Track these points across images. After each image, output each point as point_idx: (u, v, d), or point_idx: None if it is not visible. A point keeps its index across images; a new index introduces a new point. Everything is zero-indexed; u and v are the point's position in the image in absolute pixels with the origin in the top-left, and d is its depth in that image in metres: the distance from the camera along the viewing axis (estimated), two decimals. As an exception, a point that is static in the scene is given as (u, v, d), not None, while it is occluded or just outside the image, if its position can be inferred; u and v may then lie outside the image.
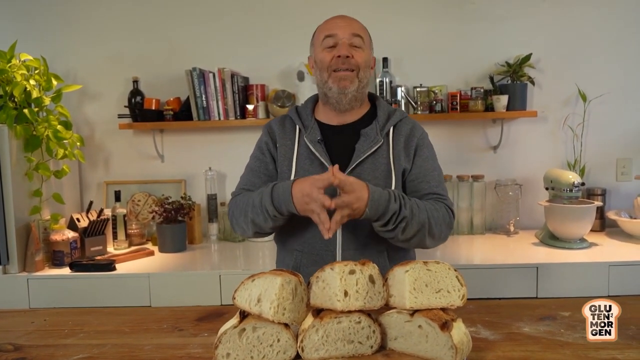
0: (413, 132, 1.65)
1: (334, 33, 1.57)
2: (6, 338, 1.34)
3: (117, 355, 1.23)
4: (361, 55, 1.58)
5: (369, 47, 1.64)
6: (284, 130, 1.68)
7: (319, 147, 1.60)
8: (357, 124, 1.65)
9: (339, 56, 1.55)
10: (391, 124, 1.64)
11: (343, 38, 1.56)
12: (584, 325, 1.31)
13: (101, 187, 3.01)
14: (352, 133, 1.63)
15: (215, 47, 2.93)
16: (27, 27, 2.92)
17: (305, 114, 1.68)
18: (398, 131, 1.64)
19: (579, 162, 2.89)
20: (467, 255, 2.56)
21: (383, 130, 1.63)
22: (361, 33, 1.60)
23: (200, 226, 2.88)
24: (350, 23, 1.61)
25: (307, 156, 1.61)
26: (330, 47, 1.58)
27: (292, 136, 1.66)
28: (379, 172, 1.58)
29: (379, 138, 1.60)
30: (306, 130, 1.64)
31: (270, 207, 1.48)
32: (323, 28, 1.62)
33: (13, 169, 2.38)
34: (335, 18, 1.63)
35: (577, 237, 2.57)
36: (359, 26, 1.63)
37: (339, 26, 1.58)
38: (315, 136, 1.62)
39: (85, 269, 2.41)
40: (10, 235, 2.39)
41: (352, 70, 1.57)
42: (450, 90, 2.88)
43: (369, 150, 1.59)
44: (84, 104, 2.99)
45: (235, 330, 1.11)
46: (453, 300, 1.15)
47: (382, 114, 1.66)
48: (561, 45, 2.86)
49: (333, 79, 1.57)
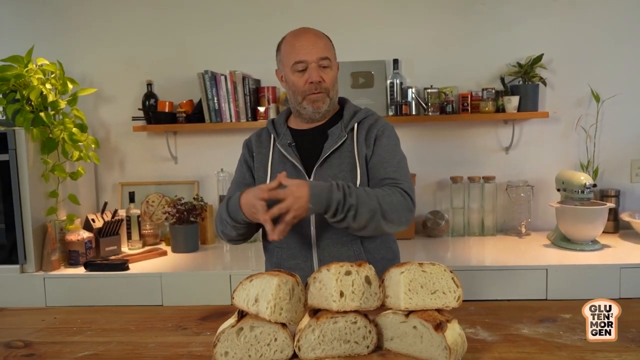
0: (374, 125, 1.74)
1: (303, 59, 1.65)
2: (17, 335, 1.39)
3: (121, 352, 1.27)
4: (329, 74, 1.68)
5: (335, 61, 1.72)
6: (260, 141, 1.80)
7: (290, 150, 1.71)
8: (325, 126, 1.75)
9: (311, 82, 1.65)
10: (355, 120, 1.73)
11: (312, 63, 1.64)
12: (583, 327, 1.31)
13: (116, 188, 3.07)
14: (321, 134, 1.73)
15: (227, 50, 2.97)
16: (44, 33, 2.99)
17: (279, 123, 1.80)
18: (362, 127, 1.73)
19: (592, 163, 2.86)
20: (476, 256, 2.56)
21: (347, 127, 1.71)
22: (327, 53, 1.67)
23: (212, 227, 2.92)
24: (316, 44, 1.66)
25: (280, 160, 1.72)
26: (300, 71, 1.66)
27: (267, 145, 1.77)
28: (345, 165, 1.67)
29: (343, 134, 1.70)
30: (279, 137, 1.75)
31: (228, 217, 1.63)
32: (291, 50, 1.67)
33: (30, 171, 2.44)
34: (301, 39, 1.67)
35: (588, 238, 2.55)
36: (324, 45, 1.68)
37: (307, 51, 1.64)
38: (287, 140, 1.73)
39: (99, 268, 2.46)
40: (27, 235, 2.45)
41: (324, 92, 1.68)
42: (462, 91, 2.87)
43: (334, 146, 1.68)
44: (99, 106, 3.05)
45: (233, 329, 1.14)
46: (448, 301, 1.16)
47: (347, 114, 1.75)
48: (573, 46, 2.84)
49: (307, 101, 1.69)
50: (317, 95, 1.67)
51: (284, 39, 1.74)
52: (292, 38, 1.70)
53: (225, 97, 2.82)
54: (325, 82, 1.66)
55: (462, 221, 2.91)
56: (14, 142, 2.41)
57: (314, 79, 1.64)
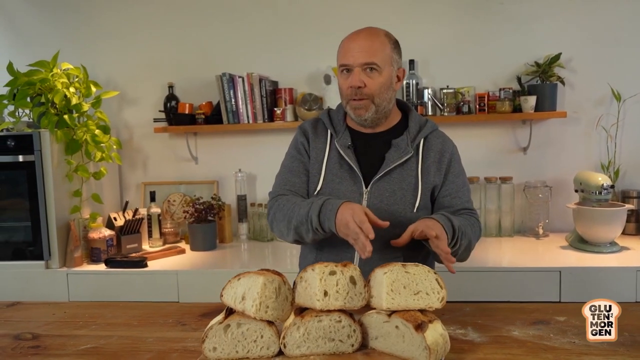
0: (445, 148, 1.67)
1: (347, 63, 1.57)
2: (27, 328, 1.47)
3: (120, 345, 1.33)
4: (375, 80, 1.57)
5: (390, 65, 1.60)
6: (316, 133, 1.71)
7: (349, 152, 1.63)
8: (387, 134, 1.67)
9: (351, 87, 1.57)
10: (422, 136, 1.65)
11: (356, 66, 1.56)
12: (575, 330, 1.32)
13: (139, 187, 3.16)
14: (382, 142, 1.65)
15: (246, 53, 3.02)
16: (70, 38, 3.11)
17: (337, 119, 1.71)
18: (429, 144, 1.66)
19: (613, 164, 2.80)
20: (491, 257, 2.53)
21: (414, 142, 1.64)
22: (375, 58, 1.56)
23: (230, 226, 2.98)
24: (364, 49, 1.56)
25: (337, 160, 1.64)
26: (345, 73, 1.59)
27: (324, 140, 1.69)
28: (406, 183, 1.61)
29: (409, 149, 1.62)
30: (337, 135, 1.67)
31: (316, 219, 1.49)
32: (340, 51, 1.61)
33: (54, 171, 2.55)
34: (352, 41, 1.59)
35: (606, 240, 2.51)
36: (375, 50, 1.57)
37: (353, 55, 1.56)
38: (346, 141, 1.65)
39: (119, 265, 2.55)
40: (51, 232, 2.56)
41: (367, 99, 1.58)
42: (479, 91, 2.85)
43: (399, 161, 1.61)
44: (123, 108, 3.15)
45: (220, 325, 1.18)
46: (432, 302, 1.17)
47: (413, 126, 1.67)
48: (593, 44, 2.79)
49: (350, 107, 1.62)
50: (358, 103, 1.58)
51: (344, 38, 1.64)
52: (347, 39, 1.62)
53: (242, 99, 2.88)
54: (367, 88, 1.56)
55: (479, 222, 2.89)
56: (40, 144, 2.52)
57: (354, 83, 1.56)
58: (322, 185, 1.63)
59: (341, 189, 1.61)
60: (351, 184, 1.61)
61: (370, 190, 1.60)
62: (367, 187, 1.60)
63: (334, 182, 1.62)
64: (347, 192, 1.61)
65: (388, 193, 1.60)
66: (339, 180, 1.62)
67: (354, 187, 1.61)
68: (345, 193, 1.61)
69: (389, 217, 1.52)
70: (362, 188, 1.61)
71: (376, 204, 1.58)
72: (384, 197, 1.59)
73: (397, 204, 1.59)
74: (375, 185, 1.60)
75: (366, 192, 1.60)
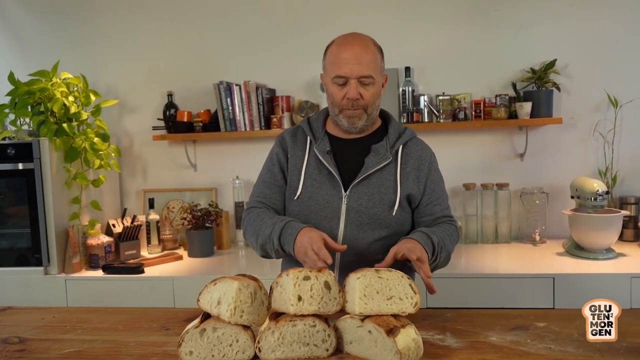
0: (423, 155, 1.70)
1: (343, 75, 1.58)
2: (15, 332, 1.50)
3: (103, 349, 1.35)
4: (370, 91, 1.60)
5: (380, 75, 1.63)
6: (296, 141, 1.73)
7: (327, 158, 1.65)
8: (367, 139, 1.70)
9: (348, 98, 1.59)
10: (401, 142, 1.68)
11: (353, 79, 1.57)
12: (553, 336, 1.32)
13: (139, 194, 3.20)
14: (361, 147, 1.68)
15: (243, 61, 3.06)
16: (70, 47, 3.17)
17: (317, 125, 1.73)
18: (407, 151, 1.69)
19: (610, 170, 2.79)
20: (486, 264, 2.53)
21: (393, 148, 1.67)
22: (371, 70, 1.58)
23: (228, 232, 3.01)
24: (361, 60, 1.57)
25: (316, 166, 1.67)
26: (340, 84, 1.60)
27: (303, 147, 1.71)
28: (385, 187, 1.64)
29: (388, 155, 1.65)
30: (316, 142, 1.69)
31: (277, 241, 1.55)
32: (334, 61, 1.60)
33: (54, 179, 2.59)
34: (346, 51, 1.59)
35: (602, 247, 2.50)
36: (369, 61, 1.59)
37: (349, 67, 1.57)
38: (325, 147, 1.67)
39: (116, 271, 2.58)
40: (50, 239, 2.60)
41: (360, 109, 1.61)
42: (475, 98, 2.86)
43: (378, 166, 1.64)
44: (123, 116, 3.19)
45: (196, 330, 1.20)
46: (405, 307, 1.19)
47: (393, 132, 1.70)
48: (589, 50, 2.79)
49: (343, 116, 1.63)
50: (353, 112, 1.61)
51: (332, 44, 1.65)
52: (338, 48, 1.61)
53: (239, 107, 2.91)
54: (363, 100, 1.59)
55: (476, 228, 2.89)
56: (39, 152, 2.56)
57: (352, 95, 1.58)
58: (301, 190, 1.65)
59: (321, 193, 1.64)
60: (330, 188, 1.64)
61: (350, 194, 1.62)
62: (347, 191, 1.63)
63: (314, 187, 1.65)
64: (326, 196, 1.63)
65: (367, 197, 1.62)
66: (319, 185, 1.65)
67: (333, 191, 1.63)
68: (324, 197, 1.63)
69: (368, 219, 1.59)
70: (341, 192, 1.63)
71: (355, 207, 1.61)
72: (363, 201, 1.62)
73: (376, 207, 1.62)
74: (354, 189, 1.63)
75: (345, 195, 1.62)
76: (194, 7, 3.09)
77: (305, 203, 1.65)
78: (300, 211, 1.65)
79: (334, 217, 1.62)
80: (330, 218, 1.62)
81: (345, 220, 1.62)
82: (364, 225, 1.62)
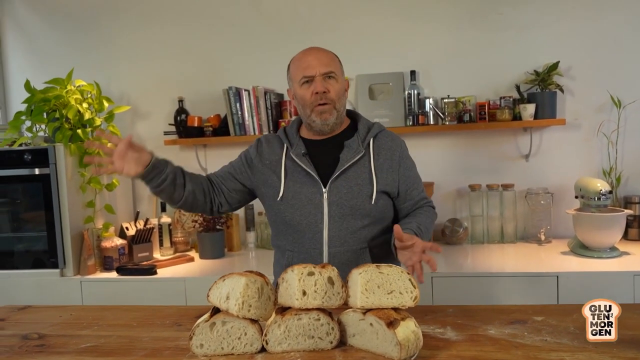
0: (394, 146, 1.82)
1: (309, 73, 1.72)
2: (34, 328, 1.57)
3: (118, 344, 1.41)
4: (335, 86, 1.74)
5: (341, 75, 1.79)
6: (271, 147, 1.86)
7: (304, 160, 1.77)
8: (338, 137, 1.82)
9: (317, 92, 1.71)
10: (371, 135, 1.80)
11: (318, 76, 1.72)
12: (550, 329, 1.36)
13: (151, 198, 3.28)
14: (335, 145, 1.79)
15: (252, 67, 3.13)
16: (84, 57, 3.27)
17: (291, 133, 1.86)
18: (379, 143, 1.81)
19: (614, 170, 2.82)
20: (490, 263, 2.57)
21: (364, 141, 1.79)
22: (332, 67, 1.74)
23: (238, 234, 3.08)
24: (321, 60, 1.73)
25: (295, 168, 1.79)
26: (307, 83, 1.74)
27: (279, 152, 1.84)
28: (362, 179, 1.75)
29: (360, 148, 1.77)
30: (292, 147, 1.81)
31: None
32: (298, 67, 1.76)
33: (69, 183, 2.67)
34: (307, 56, 1.76)
35: (606, 246, 2.53)
36: (329, 60, 1.75)
37: (312, 66, 1.72)
38: (300, 150, 1.79)
39: (130, 273, 2.65)
40: (66, 242, 2.68)
41: (330, 103, 1.73)
42: (479, 100, 2.91)
43: (352, 160, 1.76)
44: (135, 122, 3.28)
45: (207, 324, 1.26)
46: (405, 301, 1.24)
47: (362, 128, 1.82)
48: (591, 52, 2.83)
49: (315, 113, 1.75)
50: (323, 107, 1.73)
51: (292, 59, 1.81)
52: (298, 57, 1.78)
53: (248, 111, 2.98)
54: (330, 93, 1.72)
55: (482, 229, 2.93)
56: (54, 157, 2.64)
57: (319, 89, 1.71)
58: (284, 191, 1.77)
59: (302, 192, 1.76)
60: (311, 186, 1.75)
61: (329, 189, 1.74)
62: (326, 187, 1.74)
63: (295, 187, 1.77)
64: (308, 194, 1.75)
65: (346, 190, 1.73)
66: (300, 185, 1.76)
67: (313, 189, 1.75)
68: (307, 195, 1.75)
69: (349, 210, 1.72)
70: (321, 189, 1.74)
71: (336, 201, 1.73)
72: (343, 194, 1.73)
73: (356, 199, 1.73)
74: (333, 184, 1.74)
75: (325, 191, 1.73)
76: (203, 14, 3.17)
77: (290, 202, 1.76)
78: (285, 209, 1.77)
79: (318, 212, 1.74)
80: (314, 213, 1.74)
81: (328, 213, 1.73)
82: (346, 216, 1.73)
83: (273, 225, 1.87)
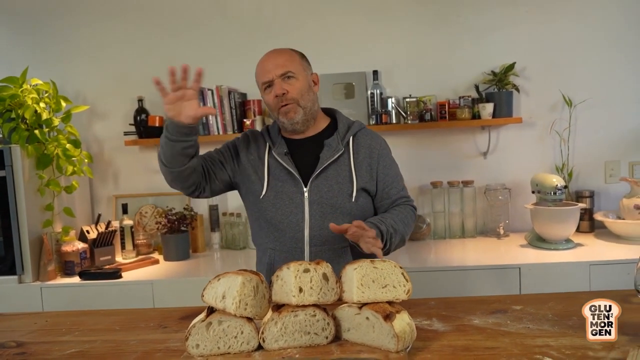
0: (373, 144, 1.85)
1: (267, 79, 1.78)
2: (11, 337, 1.51)
3: (105, 349, 1.38)
4: (294, 85, 1.77)
5: (303, 72, 1.81)
6: (257, 143, 1.90)
7: (286, 159, 1.80)
8: (319, 136, 1.86)
9: (277, 96, 1.76)
10: (351, 133, 1.84)
11: (276, 78, 1.76)
12: (530, 317, 1.43)
13: (111, 200, 3.20)
14: (315, 144, 1.83)
15: (215, 66, 3.07)
16: (39, 53, 3.15)
17: (274, 132, 1.90)
18: (358, 141, 1.85)
19: (567, 166, 2.97)
20: (455, 257, 2.65)
21: (344, 140, 1.83)
22: (289, 67, 1.77)
23: (203, 235, 3.04)
24: (277, 62, 1.78)
25: (277, 166, 1.82)
26: (268, 88, 1.79)
27: (263, 149, 1.87)
28: (342, 177, 1.79)
29: (340, 147, 1.81)
30: (274, 146, 1.84)
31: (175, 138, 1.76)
32: (259, 73, 1.82)
33: (26, 186, 2.57)
34: (264, 61, 1.81)
35: (562, 238, 2.66)
36: (285, 60, 1.78)
37: (268, 70, 1.77)
38: (283, 149, 1.82)
39: (93, 277, 2.58)
40: (24, 247, 2.57)
41: (292, 103, 1.77)
42: (440, 99, 2.99)
43: (332, 158, 1.80)
44: (93, 122, 3.18)
45: (203, 323, 1.25)
46: (398, 294, 1.27)
47: (342, 126, 1.86)
48: (545, 53, 2.96)
49: (281, 115, 1.79)
50: (286, 107, 1.77)
51: (256, 65, 1.84)
52: (259, 63, 1.83)
53: (212, 111, 2.95)
54: (289, 93, 1.76)
55: (444, 224, 3.02)
56: (10, 159, 2.53)
57: (277, 92, 1.75)
58: (266, 190, 1.79)
59: (284, 190, 1.79)
60: (292, 185, 1.78)
61: (310, 188, 1.78)
62: (307, 186, 1.77)
63: (277, 187, 1.80)
64: (290, 192, 1.78)
65: (326, 188, 1.77)
66: (282, 183, 1.79)
67: (295, 188, 1.78)
68: (288, 194, 1.78)
69: (330, 209, 1.75)
70: (302, 188, 1.78)
71: (317, 200, 1.76)
72: (323, 193, 1.77)
73: (336, 197, 1.77)
74: (313, 183, 1.78)
75: (306, 190, 1.77)
76: (164, 12, 3.12)
77: (272, 201, 1.79)
78: (267, 208, 1.79)
79: (299, 211, 1.77)
80: (296, 212, 1.77)
81: (309, 212, 1.76)
82: (327, 215, 1.76)
83: (254, 223, 1.87)
